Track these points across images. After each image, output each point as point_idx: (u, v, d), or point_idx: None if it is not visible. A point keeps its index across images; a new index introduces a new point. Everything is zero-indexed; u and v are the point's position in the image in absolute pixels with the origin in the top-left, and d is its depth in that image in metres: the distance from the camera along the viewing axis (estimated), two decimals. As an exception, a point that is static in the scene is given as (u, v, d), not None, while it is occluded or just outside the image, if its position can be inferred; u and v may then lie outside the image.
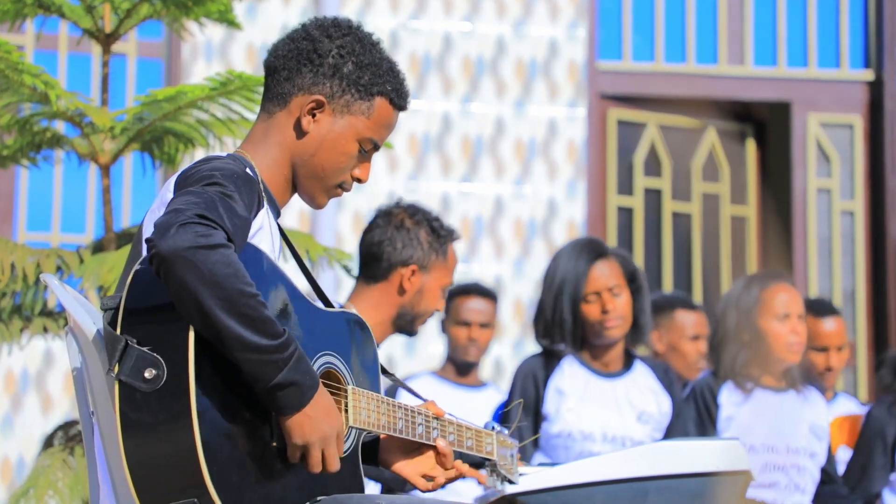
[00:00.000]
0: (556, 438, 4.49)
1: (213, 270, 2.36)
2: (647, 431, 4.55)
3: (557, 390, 4.52)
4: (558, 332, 4.53)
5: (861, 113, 8.08)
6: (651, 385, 4.62)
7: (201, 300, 2.36)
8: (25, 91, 4.06)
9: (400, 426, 2.76)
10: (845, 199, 8.03)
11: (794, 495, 4.76)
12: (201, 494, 2.39)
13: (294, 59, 2.75)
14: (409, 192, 7.36)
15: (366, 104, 2.75)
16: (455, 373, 6.11)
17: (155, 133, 4.30)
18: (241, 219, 2.50)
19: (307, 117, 2.74)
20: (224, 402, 2.45)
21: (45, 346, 7.02)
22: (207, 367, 2.43)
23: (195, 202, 2.44)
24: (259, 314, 2.40)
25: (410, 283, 4.01)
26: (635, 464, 3.39)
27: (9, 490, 6.94)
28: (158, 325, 2.45)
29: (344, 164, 2.76)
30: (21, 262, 4.17)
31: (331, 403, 2.52)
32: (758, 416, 4.79)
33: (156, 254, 2.38)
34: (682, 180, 8.07)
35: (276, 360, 2.42)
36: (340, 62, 2.74)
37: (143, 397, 2.41)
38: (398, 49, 7.53)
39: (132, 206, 7.31)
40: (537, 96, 7.69)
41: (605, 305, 4.50)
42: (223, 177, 2.54)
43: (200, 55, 7.38)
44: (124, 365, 2.42)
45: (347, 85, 2.74)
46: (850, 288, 7.98)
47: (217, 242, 2.38)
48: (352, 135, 2.75)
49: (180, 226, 2.38)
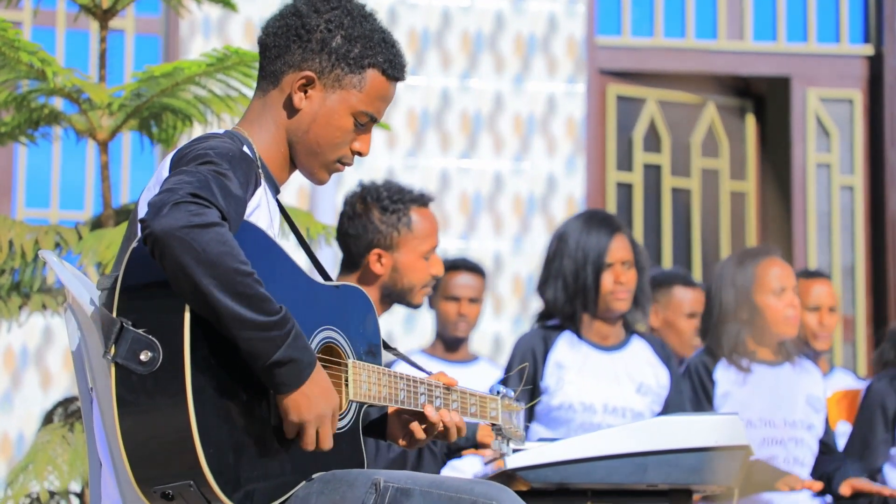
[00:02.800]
0: (558, 410, 4.52)
1: (207, 249, 2.35)
2: (647, 403, 4.60)
3: (557, 364, 4.56)
4: (581, 299, 4.56)
5: (861, 88, 8.07)
6: (649, 358, 4.66)
7: (196, 279, 2.36)
8: (23, 68, 4.05)
9: (402, 397, 2.76)
10: (845, 174, 8.03)
11: (793, 468, 4.77)
12: (197, 476, 2.39)
13: (283, 35, 2.74)
14: (408, 169, 7.36)
15: (357, 77, 2.73)
16: (444, 349, 6.10)
17: (153, 109, 4.29)
18: (236, 197, 2.48)
19: (298, 94, 2.73)
20: (220, 384, 2.44)
21: (45, 323, 7.02)
22: (203, 349, 2.42)
23: (188, 181, 2.43)
24: (255, 292, 2.40)
25: (381, 266, 3.99)
26: (635, 439, 3.40)
27: (8, 466, 6.95)
28: (154, 307, 2.44)
29: (339, 138, 2.74)
30: (19, 239, 4.16)
31: (327, 382, 2.52)
32: (754, 391, 4.80)
33: (149, 234, 2.37)
34: (681, 156, 8.06)
35: (273, 336, 2.41)
36: (328, 36, 2.72)
37: (139, 380, 2.41)
38: (397, 24, 7.52)
39: (130, 183, 7.30)
40: (536, 72, 7.68)
41: (618, 277, 4.57)
42: (217, 155, 2.53)
43: (198, 31, 7.36)
44: (120, 347, 2.42)
45: (337, 59, 2.72)
46: (850, 263, 7.98)
47: (210, 221, 2.37)
48: (345, 109, 2.73)
49: (173, 205, 2.37)
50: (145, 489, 2.43)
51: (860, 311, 7.88)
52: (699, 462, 3.41)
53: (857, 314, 7.90)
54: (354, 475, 2.60)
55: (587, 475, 3.41)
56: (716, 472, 3.43)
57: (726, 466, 3.45)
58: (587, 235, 4.60)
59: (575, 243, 4.60)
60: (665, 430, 3.41)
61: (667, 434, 3.40)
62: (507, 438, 3.09)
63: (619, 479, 3.41)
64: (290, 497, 2.55)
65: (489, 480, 2.85)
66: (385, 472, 2.61)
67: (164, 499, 2.42)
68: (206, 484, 2.39)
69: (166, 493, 2.41)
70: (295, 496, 2.56)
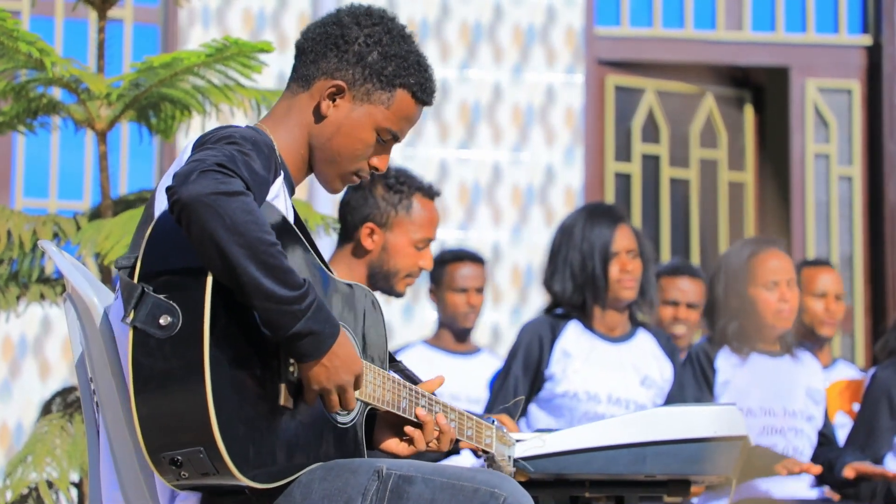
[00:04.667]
0: (562, 398, 4.55)
1: (234, 217, 2.37)
2: (651, 396, 4.62)
3: (564, 351, 4.59)
4: (590, 289, 4.59)
5: (859, 78, 8.06)
6: (654, 351, 4.69)
7: (222, 246, 2.37)
8: (21, 58, 4.05)
9: (403, 405, 2.78)
10: (843, 165, 8.03)
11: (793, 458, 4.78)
12: (208, 444, 2.39)
13: (322, 42, 2.78)
14: (407, 159, 7.35)
15: (386, 94, 2.77)
16: (452, 340, 6.11)
17: (151, 99, 4.29)
18: (259, 176, 2.52)
19: (327, 101, 2.76)
20: (237, 355, 2.45)
21: (43, 313, 7.02)
22: (223, 317, 2.43)
23: (214, 154, 2.46)
24: (279, 262, 2.42)
25: (372, 242, 4.00)
26: (633, 429, 3.40)
27: (7, 456, 6.95)
28: (177, 274, 2.45)
29: (360, 151, 2.78)
30: (18, 229, 4.16)
31: (350, 350, 2.55)
32: (755, 379, 4.81)
33: (177, 200, 2.39)
34: (679, 146, 8.06)
35: (294, 310, 2.43)
36: (366, 50, 2.77)
37: (157, 344, 2.42)
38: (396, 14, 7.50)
39: (129, 173, 7.30)
40: (535, 62, 7.67)
41: (624, 266, 4.61)
42: (241, 138, 2.56)
43: (197, 21, 7.35)
44: (140, 312, 2.43)
45: (370, 74, 2.76)
46: (848, 253, 7.98)
47: (237, 189, 2.40)
48: (369, 123, 2.77)
49: (201, 172, 2.39)
50: (154, 455, 2.43)
51: (858, 301, 7.89)
52: (698, 452, 3.41)
53: (855, 305, 7.90)
54: (357, 463, 2.61)
55: (585, 465, 3.41)
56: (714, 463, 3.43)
57: (725, 457, 3.45)
58: (591, 227, 4.64)
59: (580, 235, 4.64)
60: (663, 420, 3.41)
61: (665, 424, 3.40)
62: (498, 469, 3.09)
63: (617, 470, 3.41)
64: (292, 481, 2.56)
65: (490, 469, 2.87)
66: (388, 460, 2.62)
67: (172, 465, 2.42)
68: (217, 451, 2.39)
69: (175, 458, 2.42)
70: (298, 481, 2.57)
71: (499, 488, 2.55)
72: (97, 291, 2.67)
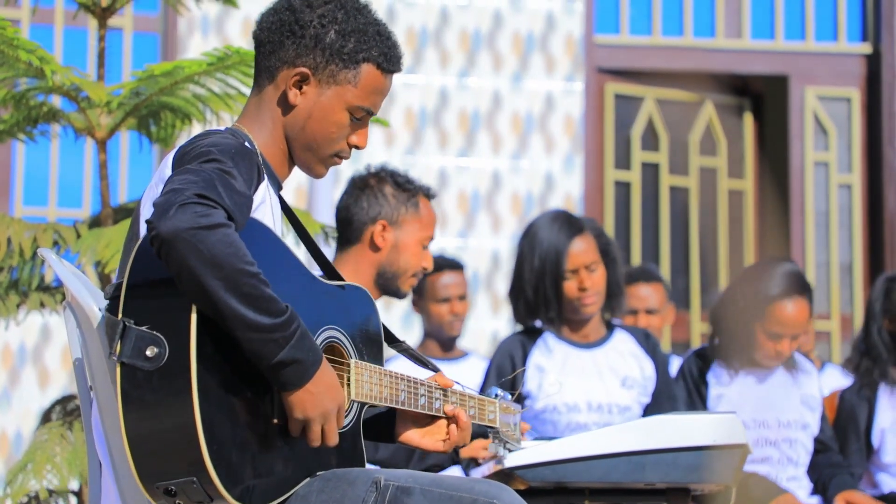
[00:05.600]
0: (543, 413, 4.51)
1: (214, 251, 2.36)
2: (634, 396, 4.58)
3: (537, 367, 4.54)
4: (542, 310, 4.53)
5: (858, 86, 8.07)
6: (632, 350, 4.63)
7: (202, 280, 2.36)
8: (21, 66, 4.05)
9: (402, 398, 2.76)
10: (843, 173, 8.03)
11: (787, 468, 4.77)
12: (200, 473, 2.39)
13: (277, 31, 2.73)
14: (406, 167, 7.35)
15: (352, 72, 2.73)
16: (438, 348, 6.10)
17: (151, 108, 4.29)
18: (241, 195, 2.49)
19: (293, 90, 2.73)
20: (225, 381, 2.45)
21: (43, 321, 7.02)
22: (209, 345, 2.43)
23: (193, 181, 2.43)
24: (260, 293, 2.40)
25: (383, 240, 4.01)
26: (633, 437, 3.40)
27: (7, 464, 6.94)
28: (160, 304, 2.45)
29: (335, 133, 2.74)
30: (18, 237, 4.16)
31: (333, 379, 2.53)
32: (747, 392, 4.78)
33: (156, 235, 2.37)
34: (679, 154, 8.07)
35: (277, 338, 2.42)
36: (322, 32, 2.71)
37: (145, 376, 2.42)
38: (395, 23, 7.52)
39: (129, 181, 7.30)
40: (534, 70, 7.68)
41: (582, 283, 4.50)
42: (221, 152, 2.53)
43: (197, 29, 7.36)
44: (125, 346, 2.42)
45: (331, 55, 2.71)
46: (848, 261, 7.98)
47: (217, 222, 2.38)
48: (340, 105, 2.73)
49: (179, 206, 2.37)
50: (148, 485, 2.44)
51: (858, 309, 7.89)
52: (697, 461, 3.41)
53: (854, 312, 7.90)
54: (355, 474, 2.61)
55: (585, 474, 3.41)
56: (714, 471, 3.43)
57: (724, 465, 3.45)
58: (546, 242, 4.49)
59: (532, 251, 4.51)
60: (663, 428, 3.41)
61: (665, 433, 3.40)
62: (504, 441, 3.09)
63: (616, 478, 3.41)
64: (290, 495, 2.56)
65: (489, 479, 2.86)
66: (385, 471, 2.61)
67: (166, 495, 2.42)
68: (210, 480, 2.39)
69: (169, 489, 2.42)
70: (296, 494, 2.56)
71: (497, 499, 2.55)
72: (97, 299, 2.67)
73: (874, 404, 5.02)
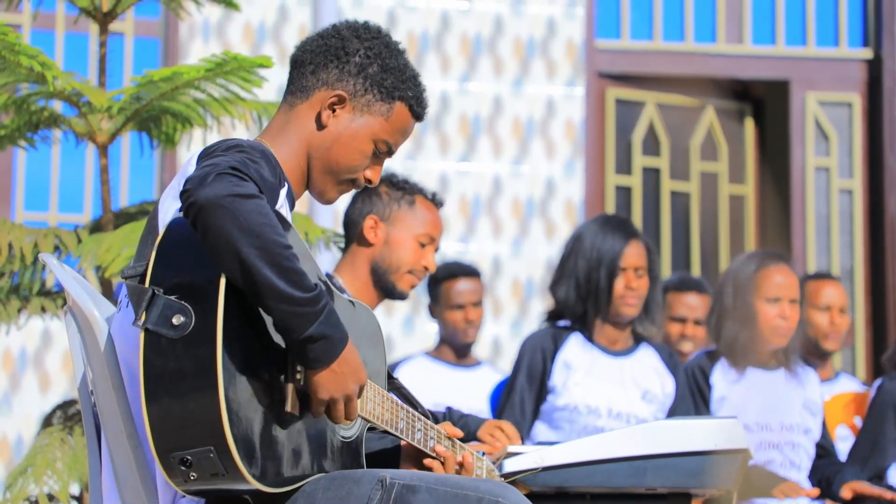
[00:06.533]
0: (562, 411, 4.54)
1: (250, 219, 2.40)
2: (652, 410, 4.60)
3: (565, 363, 4.58)
4: (593, 301, 4.59)
5: (860, 91, 8.07)
6: (656, 366, 4.68)
7: (238, 247, 2.39)
8: (22, 71, 4.06)
9: (401, 426, 2.80)
10: (844, 178, 8.03)
11: (790, 472, 4.78)
12: (219, 443, 2.40)
13: (322, 54, 2.81)
14: (408, 172, 7.34)
15: (386, 106, 2.81)
16: (453, 354, 6.11)
17: (152, 112, 4.30)
18: (269, 182, 2.55)
19: (327, 111, 2.79)
20: (248, 357, 2.46)
21: (44, 326, 7.02)
22: (235, 319, 2.44)
23: (227, 160, 2.49)
24: (293, 265, 2.44)
25: (375, 235, 4.05)
26: (634, 442, 3.40)
27: (7, 469, 6.94)
28: (189, 276, 2.46)
29: (357, 161, 2.81)
30: (19, 242, 4.17)
31: (356, 358, 2.56)
32: (750, 394, 4.80)
33: (193, 202, 2.41)
34: (680, 159, 8.07)
35: (307, 312, 2.45)
36: (366, 62, 2.81)
37: (169, 343, 2.43)
38: (396, 28, 7.52)
39: (130, 186, 7.30)
40: (535, 75, 7.68)
41: (629, 283, 4.59)
42: (249, 147, 2.60)
43: (198, 34, 7.36)
44: (151, 314, 2.44)
45: (371, 85, 2.80)
46: (849, 266, 7.98)
47: (252, 192, 2.43)
48: (368, 134, 2.81)
49: (216, 175, 2.42)
50: (164, 456, 2.44)
51: (859, 315, 7.88)
52: (698, 465, 3.41)
53: (856, 318, 7.90)
54: (361, 473, 2.63)
55: (586, 479, 3.41)
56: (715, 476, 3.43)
57: (726, 470, 3.45)
58: (603, 238, 4.63)
59: (590, 245, 4.64)
60: (664, 433, 3.41)
61: (666, 437, 3.40)
62: None
63: (618, 483, 3.41)
64: (296, 491, 2.56)
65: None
66: (391, 470, 2.63)
67: (181, 465, 2.43)
68: (227, 450, 2.40)
69: (185, 458, 2.42)
70: (302, 490, 2.58)
71: (503, 497, 2.57)
72: (98, 304, 2.67)
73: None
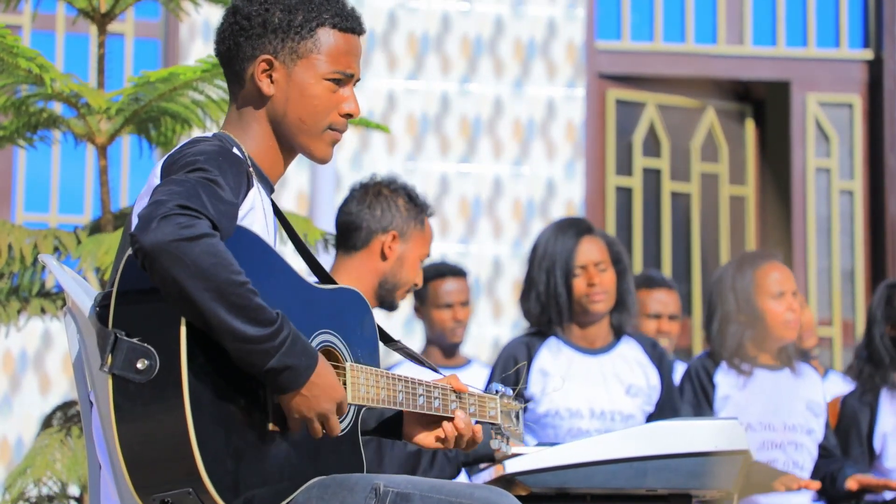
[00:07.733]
0: (545, 418, 4.52)
1: (198, 262, 2.35)
2: (638, 404, 4.59)
3: (541, 371, 4.55)
4: (554, 307, 4.55)
5: (860, 92, 8.07)
6: (639, 358, 4.65)
7: (188, 292, 2.36)
8: (21, 73, 4.05)
9: (400, 399, 2.75)
10: (844, 179, 8.03)
11: (792, 472, 4.78)
12: (195, 483, 2.39)
13: (230, 36, 2.74)
14: (408, 173, 7.35)
15: (311, 42, 2.71)
16: (440, 356, 6.09)
17: (151, 113, 4.30)
18: (227, 203, 2.48)
19: (264, 81, 2.71)
20: (217, 390, 2.44)
21: (44, 327, 7.02)
22: (200, 355, 2.42)
23: (177, 191, 2.41)
24: (248, 302, 2.39)
25: (391, 250, 4.01)
26: (634, 443, 3.39)
27: (7, 470, 6.94)
28: (150, 315, 2.44)
29: (319, 106, 2.72)
30: (18, 243, 4.16)
31: (330, 379, 2.52)
32: (754, 394, 4.82)
33: (139, 248, 2.36)
34: (680, 160, 8.06)
35: (266, 348, 2.41)
36: (268, 16, 2.71)
37: (137, 388, 2.41)
38: (396, 29, 7.52)
39: (129, 187, 7.30)
40: (536, 76, 7.68)
41: (591, 279, 4.55)
42: (207, 160, 2.52)
43: (198, 35, 7.36)
44: (116, 358, 2.42)
45: (283, 33, 2.71)
46: (849, 267, 7.97)
47: (200, 233, 2.37)
48: (312, 76, 2.71)
49: (161, 218, 2.36)
50: (144, 497, 2.43)
51: (860, 315, 7.88)
52: (699, 467, 3.40)
53: (856, 319, 7.90)
54: (354, 480, 2.60)
55: (586, 480, 3.41)
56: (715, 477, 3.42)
57: (726, 471, 3.44)
58: (555, 242, 4.59)
59: (543, 251, 4.60)
60: (664, 434, 3.41)
61: (666, 438, 3.40)
62: (507, 437, 3.08)
63: (618, 484, 3.41)
64: (290, 502, 2.55)
65: (489, 485, 2.85)
66: (385, 477, 2.60)
67: None
68: (205, 491, 2.39)
69: (165, 500, 2.41)
70: (294, 501, 2.55)
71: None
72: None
73: (876, 409, 5.05)
